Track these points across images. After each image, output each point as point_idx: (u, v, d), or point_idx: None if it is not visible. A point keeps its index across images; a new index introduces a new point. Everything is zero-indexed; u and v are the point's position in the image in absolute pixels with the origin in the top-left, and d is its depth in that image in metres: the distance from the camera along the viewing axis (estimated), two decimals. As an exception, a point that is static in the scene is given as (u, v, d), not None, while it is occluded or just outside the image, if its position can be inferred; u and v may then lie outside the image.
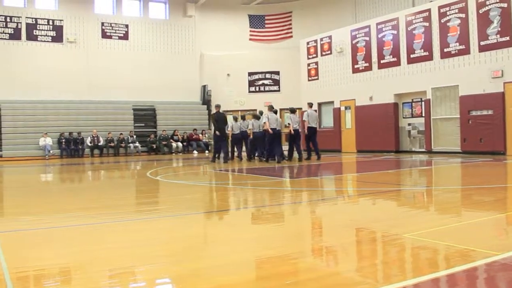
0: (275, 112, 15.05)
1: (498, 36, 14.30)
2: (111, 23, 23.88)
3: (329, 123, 20.60)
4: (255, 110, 17.92)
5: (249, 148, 15.67)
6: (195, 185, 9.07)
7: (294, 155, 14.44)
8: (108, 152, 21.71)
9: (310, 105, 15.25)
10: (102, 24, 23.65)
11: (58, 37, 22.76)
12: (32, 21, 22.26)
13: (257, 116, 15.10)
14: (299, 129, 14.34)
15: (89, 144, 21.49)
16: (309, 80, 21.62)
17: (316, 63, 21.26)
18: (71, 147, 21.21)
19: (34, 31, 22.32)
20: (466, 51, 15.20)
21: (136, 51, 24.29)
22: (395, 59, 17.62)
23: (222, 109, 15.98)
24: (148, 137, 22.86)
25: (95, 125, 21.95)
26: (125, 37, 24.14)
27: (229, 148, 15.96)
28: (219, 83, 25.03)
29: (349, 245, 3.77)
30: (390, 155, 16.37)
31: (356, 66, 19.29)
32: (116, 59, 23.68)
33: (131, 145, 22.06)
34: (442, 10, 15.94)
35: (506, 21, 14.08)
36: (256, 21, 26.05)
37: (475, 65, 14.98)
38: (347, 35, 19.70)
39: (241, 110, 22.89)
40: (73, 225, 4.97)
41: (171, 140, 22.87)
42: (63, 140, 21.11)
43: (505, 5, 14.11)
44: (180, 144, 22.88)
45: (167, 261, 3.42)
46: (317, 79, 21.17)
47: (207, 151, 22.36)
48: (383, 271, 3.03)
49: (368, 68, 18.76)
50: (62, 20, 22.88)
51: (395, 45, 17.61)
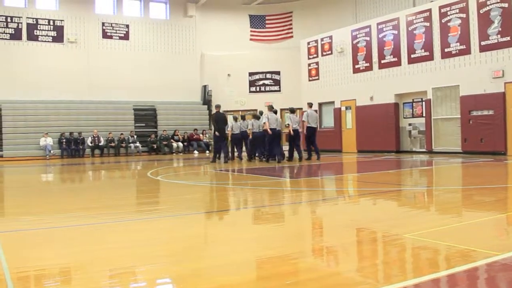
0: (275, 112, 15.05)
1: (499, 36, 14.28)
2: (112, 23, 23.89)
3: (330, 123, 20.59)
4: (256, 110, 17.93)
5: (249, 148, 15.67)
6: (196, 185, 9.07)
7: (295, 155, 14.44)
8: (109, 152, 21.71)
9: (310, 105, 15.25)
10: (103, 24, 23.67)
11: (59, 37, 22.78)
12: (33, 21, 22.28)
13: (257, 116, 15.10)
14: (299, 129, 14.35)
15: (90, 144, 21.49)
16: (310, 80, 21.62)
17: (317, 63, 21.25)
18: (72, 147, 21.22)
19: (35, 31, 22.33)
20: (467, 51, 15.19)
21: (137, 51, 24.31)
22: (396, 59, 17.62)
23: (223, 109, 15.99)
24: (149, 137, 22.87)
25: (96, 125, 21.97)
26: (126, 37, 24.15)
27: (229, 148, 15.97)
28: (220, 83, 25.04)
29: (350, 245, 3.77)
30: (391, 155, 16.35)
31: (357, 66, 19.28)
32: (117, 59, 23.69)
33: (132, 145, 22.06)
34: (443, 10, 15.93)
35: (507, 21, 14.07)
36: (257, 21, 26.05)
37: (476, 65, 14.97)
38: (348, 35, 19.69)
39: (242, 110, 22.89)
40: (74, 225, 4.97)
41: (172, 140, 22.87)
42: (64, 140, 21.12)
43: (506, 5, 14.10)
44: (181, 144, 22.88)
45: (168, 261, 3.42)
46: (318, 79, 21.17)
47: (208, 151, 22.35)
48: (384, 271, 3.03)
49: (369, 68, 18.75)
50: (63, 20, 22.89)
51: (396, 45, 17.60)
